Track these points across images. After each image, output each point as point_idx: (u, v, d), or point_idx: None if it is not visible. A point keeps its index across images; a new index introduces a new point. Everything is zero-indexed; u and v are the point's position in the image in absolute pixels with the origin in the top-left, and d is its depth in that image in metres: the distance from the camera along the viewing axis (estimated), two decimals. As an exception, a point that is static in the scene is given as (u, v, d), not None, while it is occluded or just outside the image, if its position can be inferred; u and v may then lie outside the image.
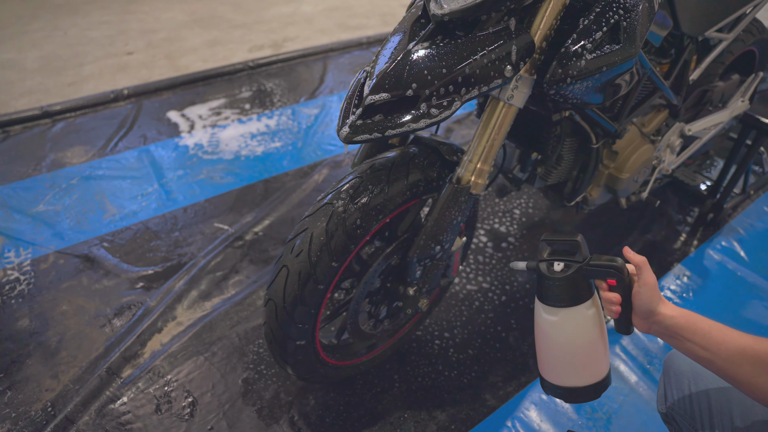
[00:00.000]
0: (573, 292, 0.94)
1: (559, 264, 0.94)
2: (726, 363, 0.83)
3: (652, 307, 0.89)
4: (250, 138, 2.59)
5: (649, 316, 0.90)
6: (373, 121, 1.05)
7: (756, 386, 0.81)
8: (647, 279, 0.90)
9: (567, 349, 0.98)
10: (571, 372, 1.00)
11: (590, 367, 0.99)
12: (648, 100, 1.62)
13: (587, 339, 0.96)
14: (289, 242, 1.20)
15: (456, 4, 1.05)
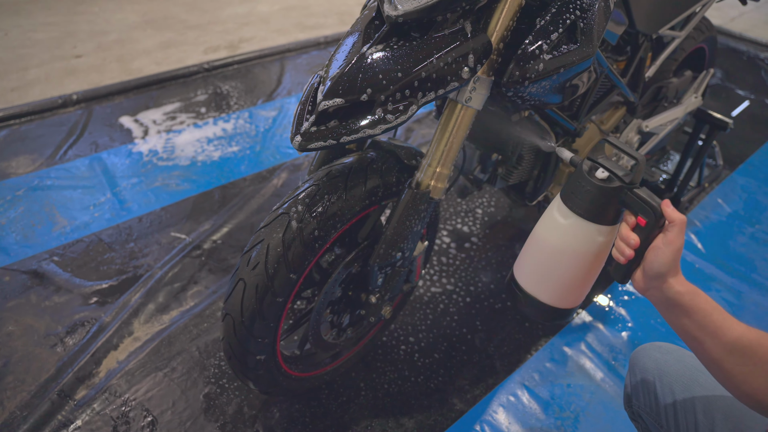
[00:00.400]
0: (598, 208, 0.85)
1: (604, 172, 0.84)
2: (717, 348, 0.80)
3: (664, 271, 0.81)
4: (207, 143, 2.52)
5: (655, 280, 0.83)
6: (328, 127, 1.02)
7: (735, 376, 0.79)
8: (674, 239, 0.80)
9: (553, 258, 0.92)
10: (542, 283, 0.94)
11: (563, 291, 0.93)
12: (606, 98, 1.63)
13: (579, 262, 0.90)
14: (245, 254, 1.16)
15: (410, 5, 1.02)
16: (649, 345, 1.14)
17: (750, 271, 2.12)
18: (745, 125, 3.06)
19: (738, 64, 3.80)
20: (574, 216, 0.88)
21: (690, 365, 1.02)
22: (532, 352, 1.70)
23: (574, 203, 0.88)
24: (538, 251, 0.94)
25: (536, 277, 0.96)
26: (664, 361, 1.09)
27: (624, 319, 1.85)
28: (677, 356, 1.06)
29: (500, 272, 1.96)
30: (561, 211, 0.90)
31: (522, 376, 1.63)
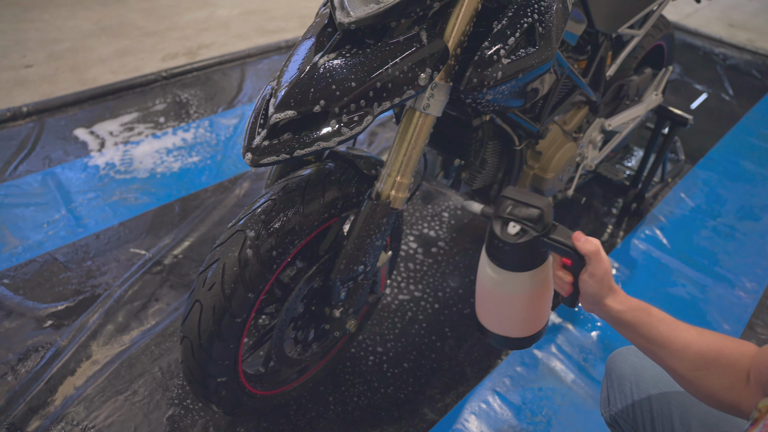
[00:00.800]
0: (523, 260, 0.86)
1: (515, 226, 0.83)
2: (669, 356, 0.82)
3: (598, 299, 0.85)
4: (166, 153, 2.44)
5: (594, 305, 0.87)
6: (281, 140, 0.98)
7: (690, 380, 0.81)
8: (595, 270, 0.83)
9: (505, 306, 0.92)
10: (500, 322, 0.95)
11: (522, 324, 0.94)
12: (568, 99, 1.62)
13: (528, 301, 0.91)
14: (200, 274, 1.11)
15: (362, 11, 0.99)
16: (626, 349, 1.13)
17: (713, 265, 2.14)
18: (703, 119, 3.10)
19: (695, 60, 3.86)
20: (503, 271, 0.87)
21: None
22: (503, 357, 1.68)
23: (498, 260, 0.87)
24: (485, 298, 0.95)
25: (492, 317, 0.97)
26: (641, 366, 1.08)
27: (593, 318, 1.85)
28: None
29: (468, 276, 1.94)
30: (491, 267, 0.89)
31: (493, 381, 1.61)
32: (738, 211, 2.45)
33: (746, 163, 2.78)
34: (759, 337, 1.87)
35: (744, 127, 3.09)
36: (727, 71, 3.72)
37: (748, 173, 2.71)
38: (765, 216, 2.44)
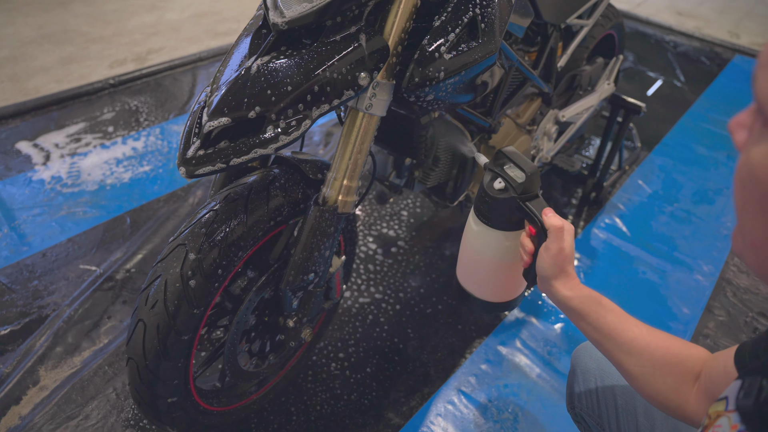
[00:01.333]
0: (500, 218, 0.91)
1: (500, 183, 0.89)
2: (615, 349, 0.82)
3: (547, 275, 0.86)
4: (116, 164, 2.36)
5: (544, 283, 0.88)
6: (217, 149, 0.94)
7: (636, 377, 0.81)
8: (551, 245, 0.85)
9: (475, 260, 0.99)
10: (477, 284, 1.02)
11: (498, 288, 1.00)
12: (519, 91, 1.61)
13: (497, 263, 0.95)
14: (143, 292, 1.06)
15: (296, 11, 0.95)
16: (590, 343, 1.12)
17: (672, 250, 2.17)
18: (657, 106, 3.15)
19: (647, 48, 3.92)
20: (482, 224, 0.93)
21: None
22: (467, 356, 1.66)
23: (480, 213, 0.93)
24: (466, 256, 1.01)
25: (471, 278, 1.02)
26: (605, 361, 1.07)
27: (555, 310, 1.84)
28: None
29: (429, 275, 1.92)
30: (474, 220, 0.96)
31: (458, 381, 1.59)
32: (693, 195, 2.49)
33: (699, 148, 2.82)
34: (717, 319, 1.90)
35: (696, 113, 3.14)
36: (678, 58, 3.78)
37: (701, 158, 2.75)
38: (718, 199, 2.48)
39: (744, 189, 0.42)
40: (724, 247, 2.22)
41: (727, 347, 1.87)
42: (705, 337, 1.83)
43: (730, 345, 1.81)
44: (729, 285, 2.05)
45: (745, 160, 0.41)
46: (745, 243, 0.44)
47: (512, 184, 0.88)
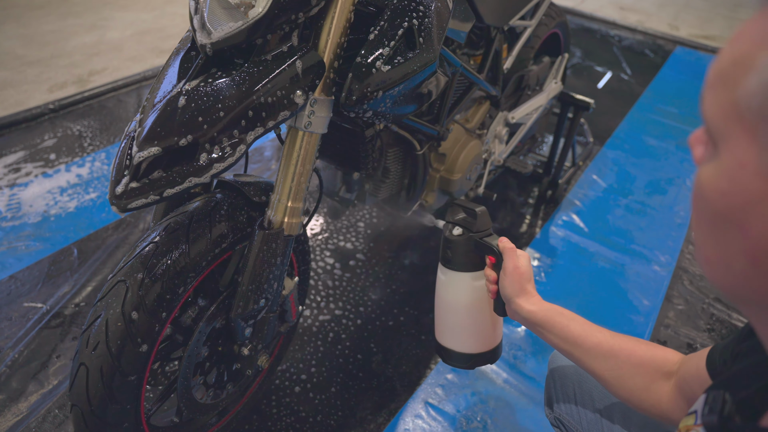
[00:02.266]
0: (463, 259, 0.99)
1: (458, 229, 0.99)
2: (584, 355, 0.86)
3: (511, 296, 0.91)
4: (60, 193, 2.26)
5: (509, 304, 0.93)
6: (151, 179, 0.89)
7: (608, 380, 0.84)
8: (507, 265, 0.91)
9: (450, 311, 1.04)
10: (457, 337, 1.05)
11: (477, 337, 1.04)
12: (466, 96, 1.60)
13: (470, 307, 1.01)
14: (83, 334, 1.00)
15: (223, 31, 0.91)
16: None
17: (629, 243, 2.19)
18: (607, 100, 3.20)
19: (593, 43, 3.99)
20: (450, 271, 1.02)
21: None
22: (432, 366, 1.64)
23: (446, 260, 1.02)
24: (441, 310, 1.06)
25: (450, 333, 1.06)
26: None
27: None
28: None
29: (389, 286, 1.89)
30: (441, 271, 1.04)
31: (425, 393, 1.57)
32: (646, 186, 2.53)
33: (649, 139, 2.88)
34: (676, 308, 1.92)
35: (644, 104, 3.20)
36: (624, 52, 3.86)
37: (651, 149, 2.81)
38: (671, 188, 2.53)
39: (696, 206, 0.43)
40: (678, 235, 2.27)
41: (687, 335, 1.90)
42: (666, 327, 1.85)
43: (689, 333, 1.84)
44: (685, 273, 2.09)
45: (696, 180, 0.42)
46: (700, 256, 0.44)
47: (468, 228, 0.98)
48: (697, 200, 0.42)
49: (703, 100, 0.41)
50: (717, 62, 0.40)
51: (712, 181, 0.40)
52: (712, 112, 0.40)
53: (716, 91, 0.39)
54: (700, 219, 0.43)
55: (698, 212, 0.43)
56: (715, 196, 0.39)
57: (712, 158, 0.41)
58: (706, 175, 0.41)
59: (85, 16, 3.82)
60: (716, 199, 0.39)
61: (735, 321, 1.89)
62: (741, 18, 4.85)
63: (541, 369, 1.66)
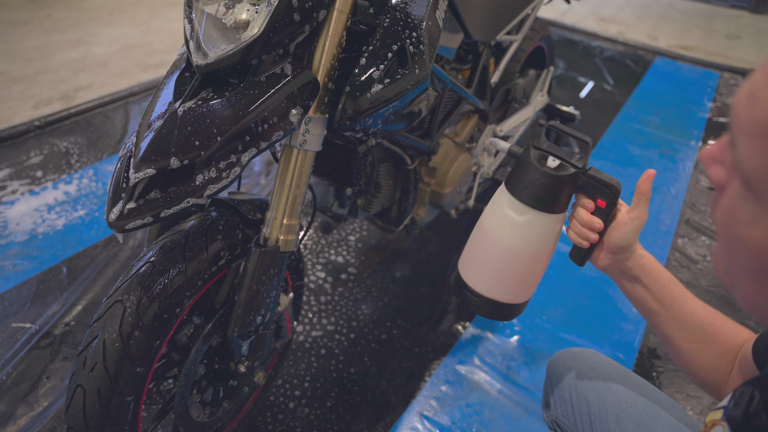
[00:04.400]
0: (554, 197, 0.81)
1: (555, 161, 0.81)
2: (670, 320, 0.82)
3: (631, 243, 0.81)
4: (47, 210, 2.25)
5: (620, 254, 0.82)
6: (147, 200, 0.90)
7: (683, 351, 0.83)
8: (641, 214, 0.80)
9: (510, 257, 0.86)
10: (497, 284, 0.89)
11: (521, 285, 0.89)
12: (455, 111, 1.62)
13: (538, 255, 0.85)
14: (80, 355, 1.00)
15: (219, 51, 0.92)
16: (566, 351, 1.13)
17: (616, 251, 2.22)
18: (591, 110, 3.25)
19: (575, 54, 4.06)
20: (530, 210, 0.82)
21: (604, 373, 1.02)
22: (426, 379, 1.65)
23: (527, 197, 0.82)
24: (493, 252, 0.88)
25: (490, 277, 0.89)
26: (579, 369, 1.08)
27: (511, 323, 1.86)
28: (592, 363, 1.05)
29: (381, 300, 1.90)
30: (514, 208, 0.84)
31: (420, 405, 1.58)
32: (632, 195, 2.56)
33: (633, 148, 2.93)
34: (665, 317, 1.95)
35: (626, 114, 3.26)
36: (605, 62, 3.92)
37: (635, 157, 2.85)
38: (655, 197, 2.57)
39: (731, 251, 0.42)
40: (664, 243, 2.30)
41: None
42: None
43: (678, 341, 1.86)
44: (672, 281, 2.11)
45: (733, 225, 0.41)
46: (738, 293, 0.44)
47: (569, 160, 0.81)
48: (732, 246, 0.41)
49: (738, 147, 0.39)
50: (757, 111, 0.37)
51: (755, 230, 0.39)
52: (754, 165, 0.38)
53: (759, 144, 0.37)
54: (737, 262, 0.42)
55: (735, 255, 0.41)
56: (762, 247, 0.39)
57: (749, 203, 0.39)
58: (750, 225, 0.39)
59: (70, 32, 3.81)
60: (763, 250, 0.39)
61: (722, 327, 1.92)
62: (716, 29, 4.96)
63: (535, 379, 1.67)
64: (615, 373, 1.01)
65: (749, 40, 4.78)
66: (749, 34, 4.95)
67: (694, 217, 2.48)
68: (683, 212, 2.51)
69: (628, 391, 0.96)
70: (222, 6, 0.97)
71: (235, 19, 0.95)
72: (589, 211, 0.83)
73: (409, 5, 1.10)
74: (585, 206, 0.83)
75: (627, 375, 1.00)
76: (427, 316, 1.87)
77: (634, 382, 0.99)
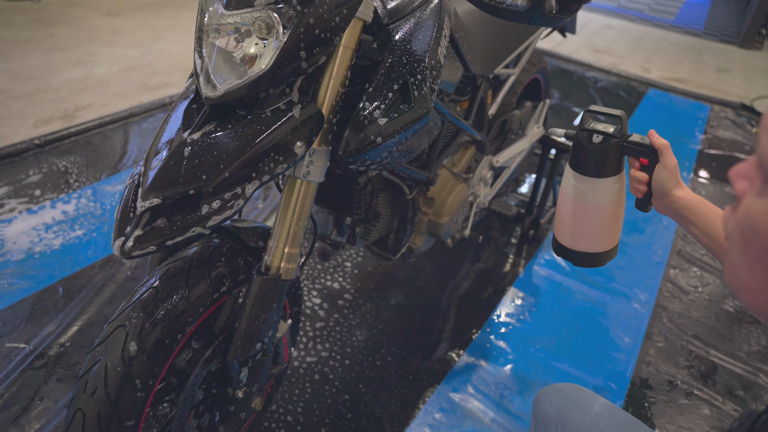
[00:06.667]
0: (605, 165, 1.01)
1: (598, 137, 1.00)
2: (722, 255, 0.89)
3: (667, 188, 0.97)
4: (45, 230, 2.26)
5: (664, 197, 0.98)
6: (154, 227, 0.92)
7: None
8: (667, 161, 0.96)
9: (589, 217, 1.07)
10: (584, 238, 1.10)
11: (601, 237, 1.09)
12: (453, 142, 1.65)
13: (607, 211, 1.05)
14: (80, 379, 1.01)
15: (229, 84, 0.95)
16: (550, 388, 1.14)
17: (609, 281, 2.25)
18: (584, 140, 3.30)
19: (570, 84, 4.13)
20: (589, 179, 1.03)
21: (590, 409, 1.02)
22: (420, 406, 1.66)
23: (584, 169, 1.03)
24: (572, 214, 1.09)
25: (577, 234, 1.10)
26: (564, 406, 1.08)
27: (505, 351, 1.87)
28: (577, 400, 1.06)
29: (376, 326, 1.91)
30: (577, 179, 1.05)
31: (413, 433, 1.58)
32: (625, 225, 2.60)
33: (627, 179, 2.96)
34: (656, 346, 1.97)
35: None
36: (599, 93, 4.00)
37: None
38: (648, 227, 2.61)
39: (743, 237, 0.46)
40: (656, 273, 2.33)
41: (668, 372, 1.94)
42: (647, 365, 1.90)
43: (670, 370, 1.88)
44: (664, 311, 2.14)
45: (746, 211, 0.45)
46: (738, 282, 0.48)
47: (609, 133, 1.00)
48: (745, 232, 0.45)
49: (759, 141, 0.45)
50: None
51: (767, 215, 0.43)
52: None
53: None
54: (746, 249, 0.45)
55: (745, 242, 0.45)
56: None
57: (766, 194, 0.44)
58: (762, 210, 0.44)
59: (72, 51, 3.85)
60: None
61: (713, 358, 1.94)
62: (707, 62, 5.07)
63: (527, 408, 1.68)
64: (601, 410, 1.01)
65: (738, 73, 4.89)
66: (738, 68, 5.06)
67: (685, 248, 2.52)
68: (675, 243, 2.54)
69: (614, 429, 0.96)
70: (232, 40, 1.00)
71: (244, 52, 0.99)
72: (636, 169, 1.01)
73: (412, 41, 1.13)
74: (633, 165, 1.02)
75: (613, 411, 1.01)
76: (421, 343, 1.88)
77: (620, 418, 0.99)
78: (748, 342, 2.03)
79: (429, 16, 1.20)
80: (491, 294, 2.13)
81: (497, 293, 2.13)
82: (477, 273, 2.22)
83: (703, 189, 3.08)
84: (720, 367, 1.91)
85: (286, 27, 0.95)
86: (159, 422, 1.22)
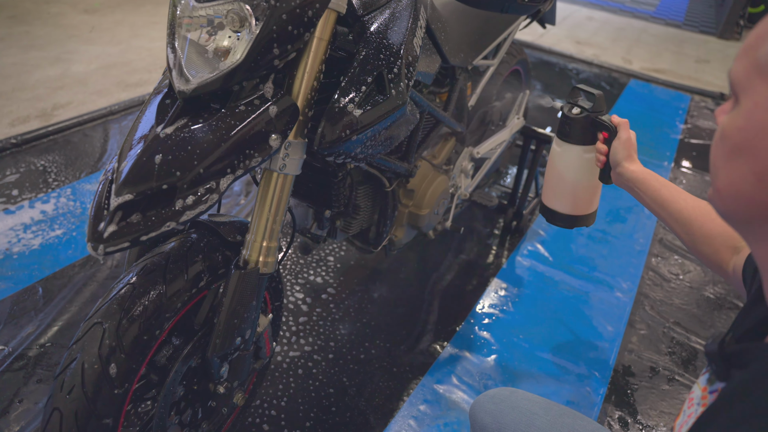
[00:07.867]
0: (578, 133, 1.19)
1: (577, 109, 1.19)
2: (668, 217, 1.02)
3: (618, 159, 1.10)
4: (23, 230, 2.23)
5: (616, 167, 1.10)
6: (129, 223, 0.91)
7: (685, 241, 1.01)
8: (621, 135, 1.11)
9: (561, 178, 1.26)
10: (563, 200, 1.28)
11: (573, 200, 1.27)
12: (433, 133, 1.65)
13: (578, 176, 1.23)
14: (57, 378, 1.00)
15: (202, 77, 0.94)
16: (483, 397, 1.13)
17: (592, 270, 2.27)
18: (566, 132, 3.31)
19: (552, 75, 4.15)
20: (565, 144, 1.23)
21: (525, 409, 1.02)
22: (404, 398, 1.66)
23: (563, 135, 1.22)
24: (553, 178, 1.28)
25: (558, 196, 1.29)
26: (499, 412, 1.08)
27: (488, 342, 1.88)
28: (511, 403, 1.05)
29: (359, 320, 1.92)
30: (557, 142, 1.25)
31: (398, 425, 1.59)
32: (607, 215, 2.63)
33: (607, 169, 2.99)
34: (638, 333, 1.99)
35: (601, 136, 3.33)
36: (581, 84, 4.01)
37: (610, 178, 2.91)
38: (630, 216, 2.63)
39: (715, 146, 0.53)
40: (638, 262, 2.35)
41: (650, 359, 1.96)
42: (630, 352, 1.92)
43: (652, 357, 1.91)
44: (646, 299, 2.16)
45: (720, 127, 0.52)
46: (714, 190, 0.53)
47: (585, 107, 1.18)
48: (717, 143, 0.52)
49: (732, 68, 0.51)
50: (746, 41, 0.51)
51: (731, 122, 0.50)
52: (738, 73, 0.50)
53: (743, 58, 0.50)
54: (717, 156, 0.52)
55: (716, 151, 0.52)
56: (734, 131, 0.49)
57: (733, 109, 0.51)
58: (727, 120, 0.51)
59: (49, 49, 3.80)
60: (734, 134, 0.49)
61: (694, 344, 1.97)
62: (687, 53, 5.12)
63: (511, 398, 1.69)
64: (536, 408, 1.01)
65: (717, 63, 4.94)
66: (717, 58, 5.11)
67: (667, 237, 2.55)
68: (656, 232, 2.57)
69: (551, 424, 0.97)
70: (204, 33, 0.99)
71: (216, 45, 0.98)
72: (600, 142, 1.16)
73: (387, 33, 1.13)
74: (599, 138, 1.16)
75: (548, 407, 1.01)
76: (405, 336, 1.88)
77: (556, 412, 0.99)
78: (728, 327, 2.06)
79: (404, 7, 1.19)
80: (474, 285, 2.14)
81: (480, 285, 2.14)
82: (460, 265, 2.23)
83: (684, 178, 3.11)
84: (701, 352, 1.93)
85: (258, 19, 0.94)
86: (140, 420, 1.21)
